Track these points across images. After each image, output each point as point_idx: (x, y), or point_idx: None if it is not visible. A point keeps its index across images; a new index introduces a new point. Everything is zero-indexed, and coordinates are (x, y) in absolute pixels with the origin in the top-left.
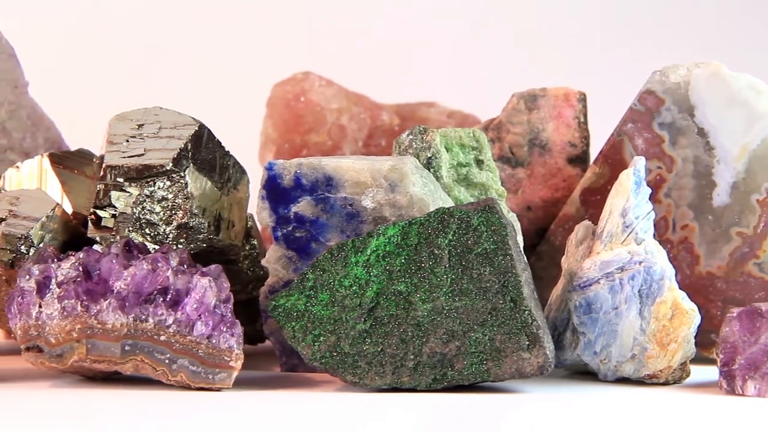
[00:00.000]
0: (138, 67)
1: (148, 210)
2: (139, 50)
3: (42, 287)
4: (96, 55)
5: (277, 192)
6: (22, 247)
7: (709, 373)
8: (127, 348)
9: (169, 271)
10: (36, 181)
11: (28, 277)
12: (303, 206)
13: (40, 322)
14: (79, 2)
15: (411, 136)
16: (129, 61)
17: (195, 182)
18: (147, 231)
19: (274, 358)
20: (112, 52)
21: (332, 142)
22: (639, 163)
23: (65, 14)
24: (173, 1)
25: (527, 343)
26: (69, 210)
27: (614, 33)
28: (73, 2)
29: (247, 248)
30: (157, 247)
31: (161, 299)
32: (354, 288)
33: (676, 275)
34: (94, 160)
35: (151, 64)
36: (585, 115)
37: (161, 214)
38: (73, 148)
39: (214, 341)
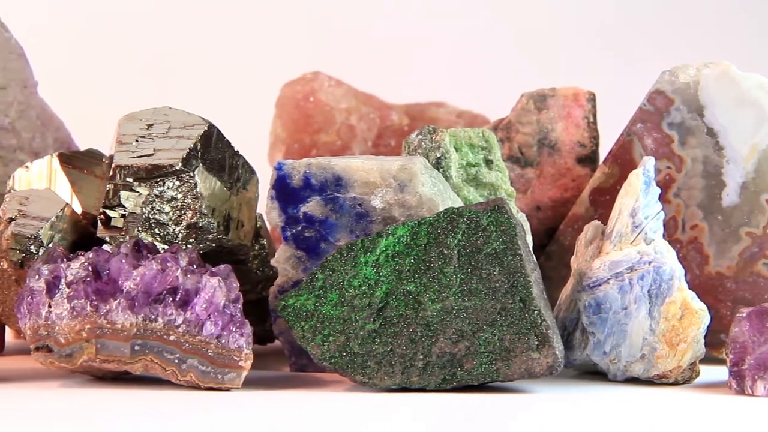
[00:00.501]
0: (147, 68)
1: (158, 210)
2: (149, 50)
3: (51, 287)
4: (105, 56)
5: (286, 192)
6: (32, 247)
7: (719, 373)
8: (136, 348)
9: (179, 271)
10: (45, 181)
11: (37, 277)
12: (312, 206)
13: (49, 322)
14: (89, 3)
15: (420, 136)
16: (138, 62)
17: (204, 182)
18: (156, 231)
19: (284, 358)
20: (122, 52)
21: (341, 142)
22: (648, 163)
23: (74, 14)
24: (183, 1)
25: (537, 343)
26: (78, 210)
27: (623, 33)
28: (83, 2)
29: (256, 248)
30: (166, 246)
31: (171, 299)
32: (363, 288)
33: (685, 275)
34: (104, 160)
35: (160, 64)
36: (594, 115)
37: (171, 214)
38: (82, 148)
39: (223, 341)
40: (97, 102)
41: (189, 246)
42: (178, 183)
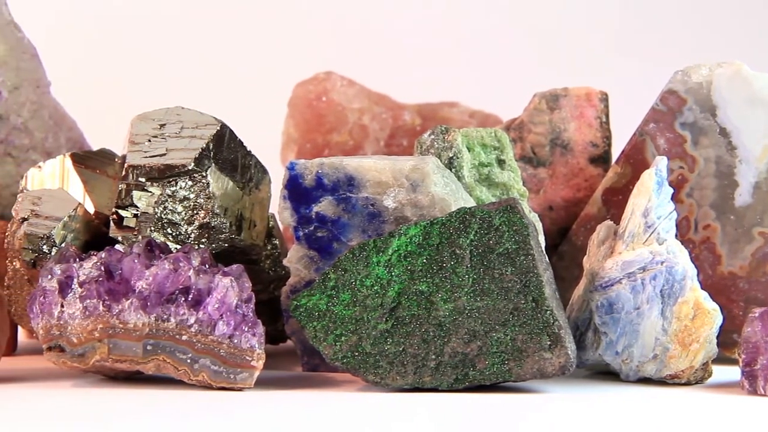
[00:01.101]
0: (160, 67)
1: (170, 210)
2: (161, 50)
3: (64, 287)
4: (118, 55)
5: (298, 192)
6: (44, 246)
7: (731, 373)
8: (148, 348)
9: (191, 270)
10: (58, 181)
11: (50, 276)
12: (324, 206)
13: (62, 322)
14: (101, 3)
15: (433, 136)
16: (151, 61)
17: (217, 182)
18: (169, 231)
19: (296, 357)
20: (134, 52)
21: (354, 141)
22: (661, 163)
23: (87, 14)
24: (195, 2)
25: (549, 343)
26: (91, 210)
27: (636, 32)
28: (95, 3)
29: (268, 248)
30: (178, 246)
31: (183, 299)
32: (375, 288)
33: (698, 275)
34: (116, 159)
35: (173, 64)
36: (607, 115)
37: (183, 213)
38: (95, 147)
39: (235, 341)
40: (109, 102)
41: (201, 246)
42: (190, 183)
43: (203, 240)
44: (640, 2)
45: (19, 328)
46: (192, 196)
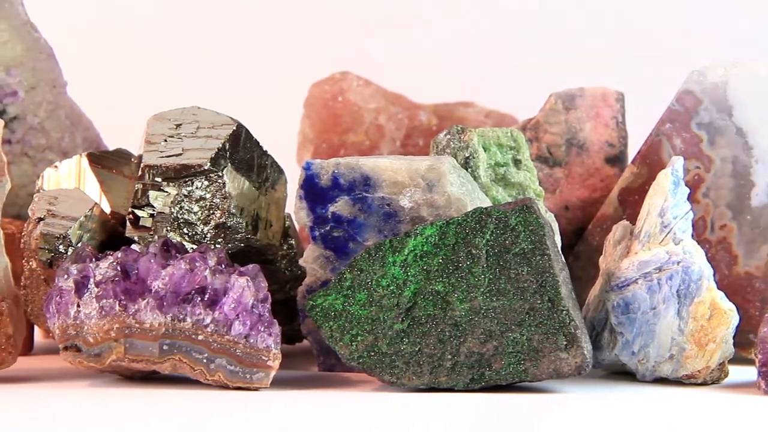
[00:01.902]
0: (176, 67)
1: (186, 209)
2: (177, 50)
3: (80, 287)
4: (134, 55)
5: (314, 192)
6: (61, 246)
7: (748, 373)
8: (165, 347)
9: (207, 270)
10: (74, 181)
11: (66, 276)
12: (340, 206)
13: (78, 322)
14: (118, 2)
15: (449, 136)
16: (167, 61)
17: (233, 182)
18: (185, 230)
19: (312, 357)
20: (150, 52)
21: (370, 141)
22: (677, 163)
23: (103, 14)
24: (211, 2)
25: (565, 343)
26: (107, 209)
27: (651, 32)
28: (112, 2)
29: (284, 248)
30: (195, 246)
31: (199, 299)
32: (392, 288)
33: (714, 275)
34: (133, 159)
35: (189, 64)
36: (623, 115)
37: (199, 213)
38: (111, 147)
39: (251, 341)
40: (125, 102)
41: (217, 246)
42: (206, 183)
43: (219, 240)
44: (655, 2)
45: (36, 328)
46: (208, 196)
